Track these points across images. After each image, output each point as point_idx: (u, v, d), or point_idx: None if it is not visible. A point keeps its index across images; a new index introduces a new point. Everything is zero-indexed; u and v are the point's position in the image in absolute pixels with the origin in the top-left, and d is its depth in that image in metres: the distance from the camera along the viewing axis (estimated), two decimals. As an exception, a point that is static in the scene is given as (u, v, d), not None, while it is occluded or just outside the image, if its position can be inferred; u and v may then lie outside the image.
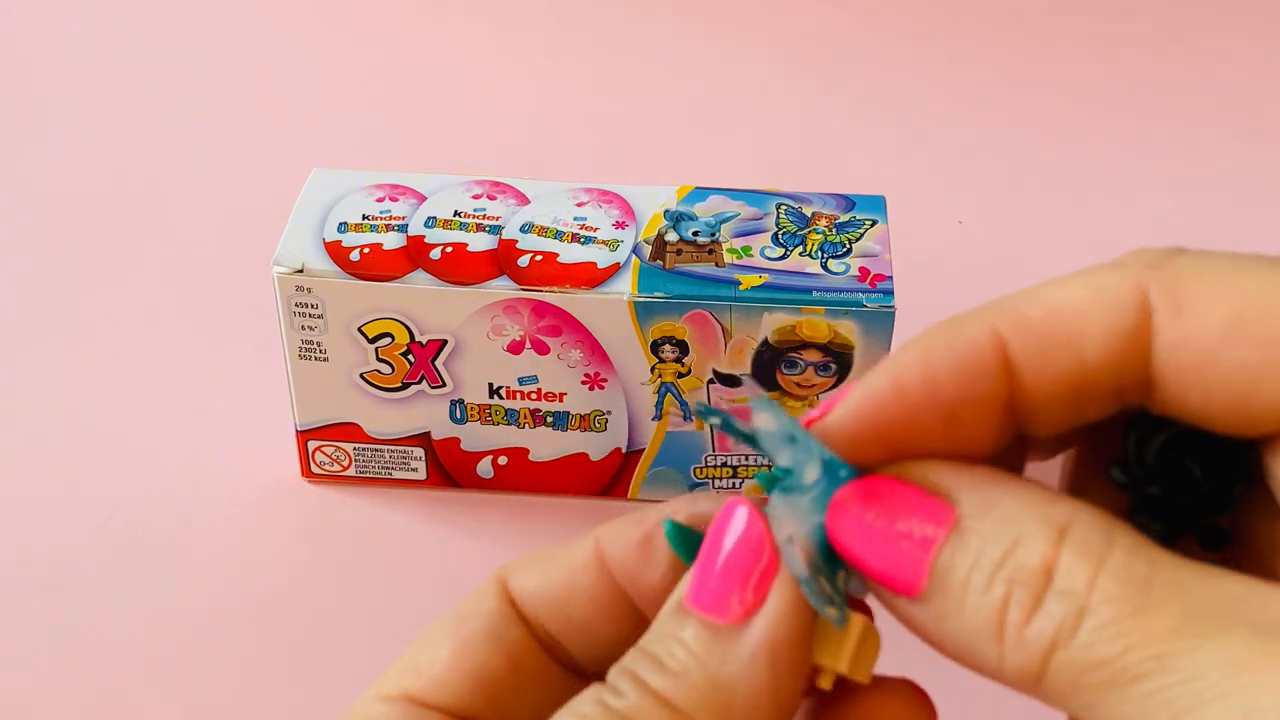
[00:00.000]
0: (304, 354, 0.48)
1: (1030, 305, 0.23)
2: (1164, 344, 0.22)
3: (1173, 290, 0.22)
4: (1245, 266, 0.22)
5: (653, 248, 0.48)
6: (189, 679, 0.46)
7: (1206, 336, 0.22)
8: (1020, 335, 0.23)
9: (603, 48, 0.76)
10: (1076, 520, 0.22)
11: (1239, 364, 0.22)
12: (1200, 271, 0.22)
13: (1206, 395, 0.22)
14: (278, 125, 0.70)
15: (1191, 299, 0.22)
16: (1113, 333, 0.23)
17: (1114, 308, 0.23)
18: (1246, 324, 0.22)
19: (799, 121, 0.71)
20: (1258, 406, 0.22)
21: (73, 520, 0.50)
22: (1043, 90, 0.74)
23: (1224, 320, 0.22)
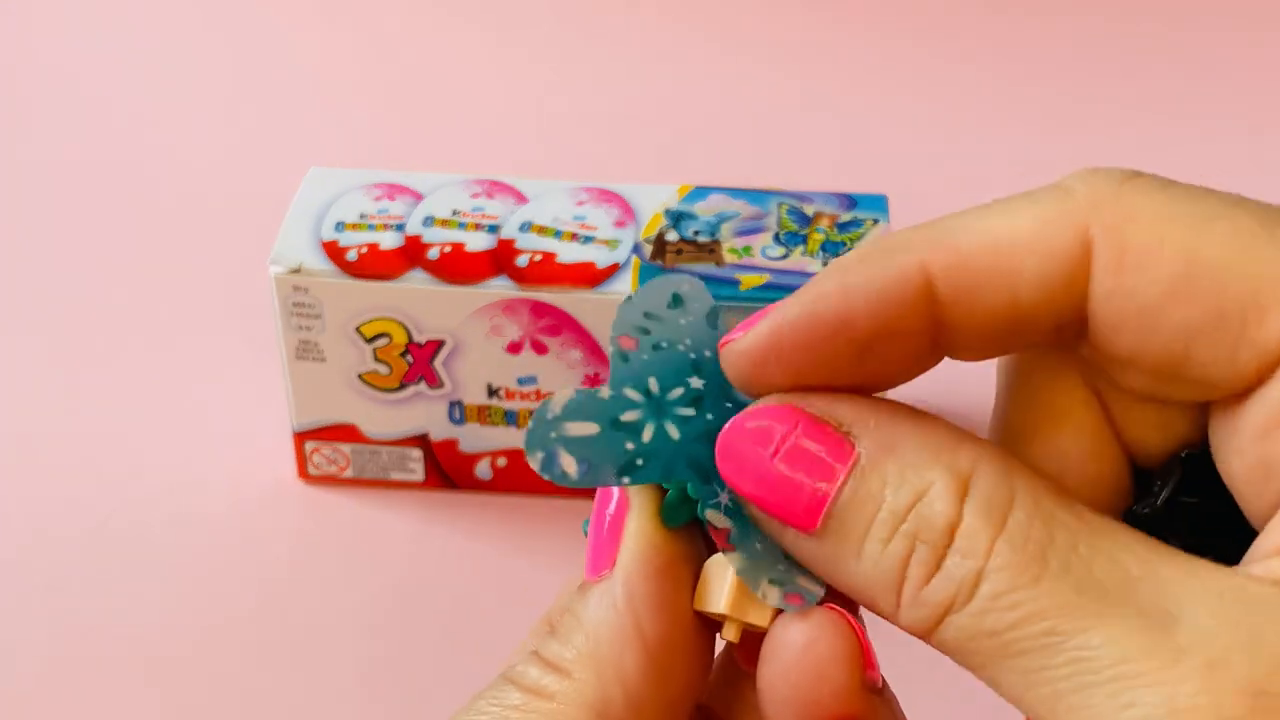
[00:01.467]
0: (301, 354, 0.48)
1: (966, 235, 0.22)
2: (1102, 293, 0.21)
3: (1117, 237, 0.21)
4: (1196, 214, 0.21)
5: (653, 247, 0.47)
6: (187, 679, 0.45)
7: (1147, 293, 0.21)
8: (951, 271, 0.22)
9: (603, 46, 0.76)
10: (979, 471, 0.21)
11: (1177, 325, 0.21)
12: (1148, 216, 0.21)
13: (1141, 351, 0.21)
14: (275, 123, 0.70)
15: (1134, 250, 0.21)
16: (1049, 275, 0.21)
17: (1053, 247, 0.21)
18: (1190, 285, 0.20)
19: (800, 120, 0.71)
20: (1192, 369, 0.21)
21: (69, 521, 0.50)
22: (1044, 89, 0.73)
23: (1169, 277, 0.21)
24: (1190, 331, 0.21)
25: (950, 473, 0.21)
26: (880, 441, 0.22)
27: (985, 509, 0.21)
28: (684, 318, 0.24)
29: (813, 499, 0.22)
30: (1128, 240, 0.21)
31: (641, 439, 0.23)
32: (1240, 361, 0.21)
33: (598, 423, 0.23)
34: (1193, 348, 0.21)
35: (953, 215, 0.23)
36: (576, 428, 0.23)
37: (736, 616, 0.23)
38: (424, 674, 0.45)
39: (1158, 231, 0.21)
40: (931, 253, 0.22)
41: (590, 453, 0.23)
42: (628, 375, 0.23)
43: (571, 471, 0.23)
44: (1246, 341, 0.20)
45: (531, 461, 0.23)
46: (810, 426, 0.22)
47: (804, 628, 0.23)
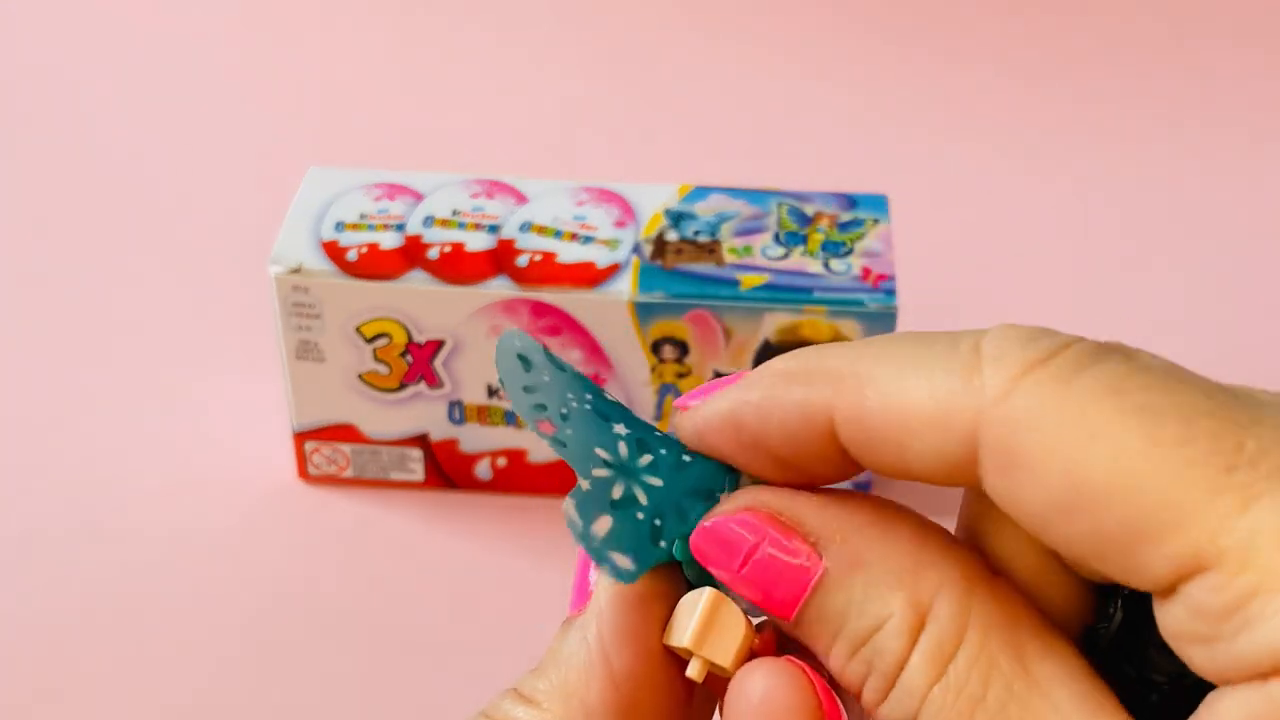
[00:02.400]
0: (301, 354, 0.48)
1: (872, 391, 0.22)
2: (993, 490, 0.21)
3: (1003, 443, 0.21)
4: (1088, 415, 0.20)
5: (653, 247, 0.47)
6: (187, 679, 0.45)
7: (1032, 506, 0.21)
8: (851, 424, 0.22)
9: (603, 47, 0.76)
10: (938, 602, 0.22)
11: (1066, 538, 0.21)
12: (1036, 421, 0.20)
13: (1028, 546, 0.22)
14: (275, 123, 0.70)
15: (1021, 459, 0.20)
16: (936, 457, 0.22)
17: (942, 434, 0.21)
18: (1076, 502, 0.20)
19: (800, 120, 0.71)
20: (1085, 568, 0.22)
21: (70, 520, 0.50)
22: (1045, 90, 0.73)
23: (1054, 492, 0.20)
24: (1078, 544, 0.21)
25: (909, 604, 0.22)
26: (847, 558, 0.22)
27: (933, 653, 0.21)
28: (545, 374, 0.24)
29: (784, 601, 0.23)
30: (1013, 448, 0.21)
31: (640, 503, 0.24)
32: (1135, 582, 0.20)
33: (607, 513, 0.24)
34: (1087, 563, 0.21)
35: (873, 358, 0.23)
36: (599, 527, 0.24)
37: (701, 654, 0.23)
38: (424, 673, 0.45)
39: (1042, 447, 0.20)
40: (840, 401, 0.22)
41: (624, 541, 0.24)
42: (577, 458, 0.24)
43: (629, 566, 0.24)
44: (1136, 568, 0.20)
45: (605, 576, 0.24)
46: (777, 536, 0.23)
47: (762, 677, 0.23)
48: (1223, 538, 0.19)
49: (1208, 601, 0.19)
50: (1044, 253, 0.63)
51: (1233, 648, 0.19)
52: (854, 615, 0.22)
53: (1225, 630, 0.19)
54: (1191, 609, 0.20)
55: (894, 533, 0.23)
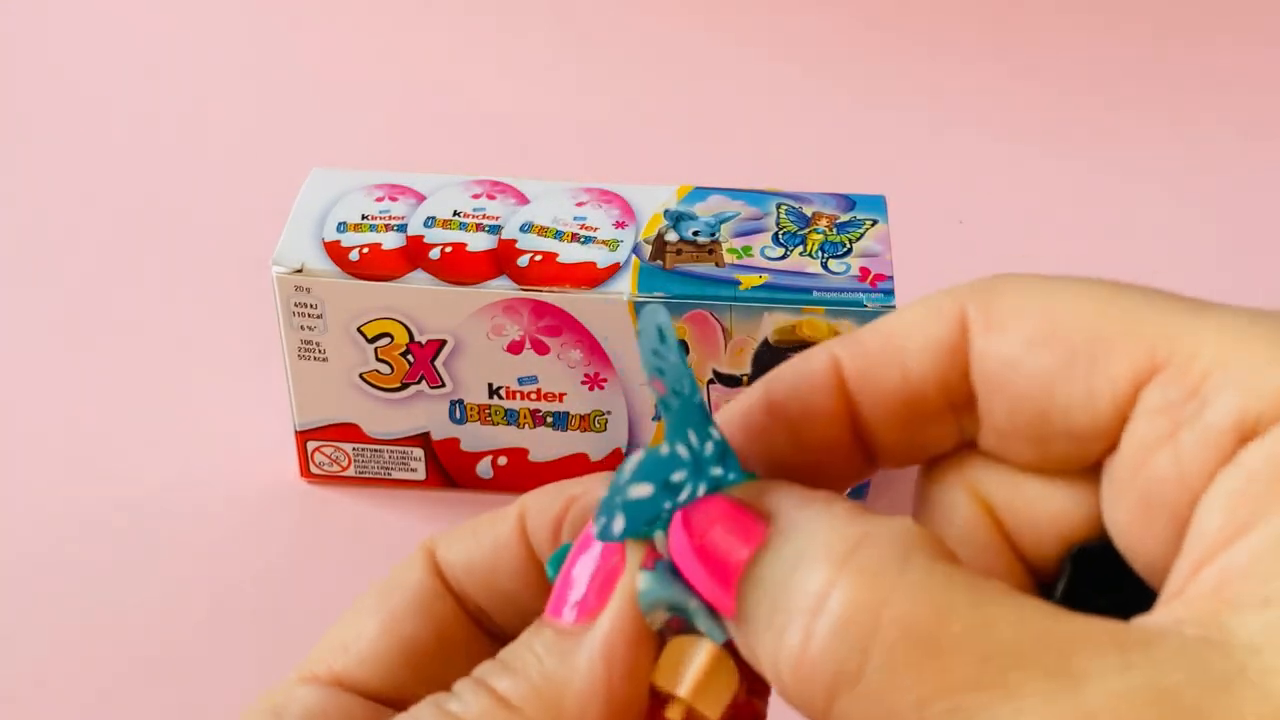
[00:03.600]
0: (303, 354, 0.48)
1: (867, 331, 0.24)
2: (977, 355, 0.23)
3: (986, 306, 0.23)
4: (1056, 284, 0.23)
5: (653, 247, 0.47)
6: (187, 678, 0.45)
7: (1013, 346, 0.23)
8: (853, 357, 0.24)
9: (603, 47, 0.76)
10: (869, 538, 0.20)
11: (1037, 372, 0.22)
12: (1014, 289, 0.23)
13: (1014, 410, 0.23)
14: (277, 125, 0.70)
15: (1001, 313, 0.23)
16: (931, 346, 0.23)
17: (933, 324, 0.23)
18: (1047, 333, 0.22)
19: (799, 121, 0.71)
20: (1057, 418, 0.22)
21: (71, 520, 0.50)
22: (1043, 89, 0.73)
23: (1027, 331, 0.22)
24: (1049, 377, 0.22)
25: (833, 542, 0.21)
26: (786, 523, 0.22)
27: (871, 574, 0.20)
28: (671, 354, 0.24)
29: (726, 584, 0.22)
30: (996, 305, 0.23)
31: (678, 500, 0.24)
32: (1097, 399, 0.22)
33: (653, 483, 0.23)
34: (1054, 393, 0.22)
35: (879, 319, 0.25)
36: (637, 490, 0.23)
37: (695, 704, 0.23)
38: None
39: (1021, 296, 0.23)
40: (839, 347, 0.24)
41: (638, 512, 0.23)
42: (674, 426, 0.24)
43: (618, 530, 0.23)
44: (1100, 378, 0.22)
45: (596, 525, 0.23)
46: (729, 512, 0.22)
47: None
48: (1176, 340, 0.21)
49: (1166, 396, 0.21)
50: (1044, 253, 0.63)
51: (1194, 432, 0.20)
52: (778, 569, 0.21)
53: (1186, 415, 0.20)
54: (1152, 411, 0.21)
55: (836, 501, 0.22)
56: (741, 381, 0.47)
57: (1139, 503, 0.21)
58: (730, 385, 0.48)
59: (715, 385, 0.48)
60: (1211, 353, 0.20)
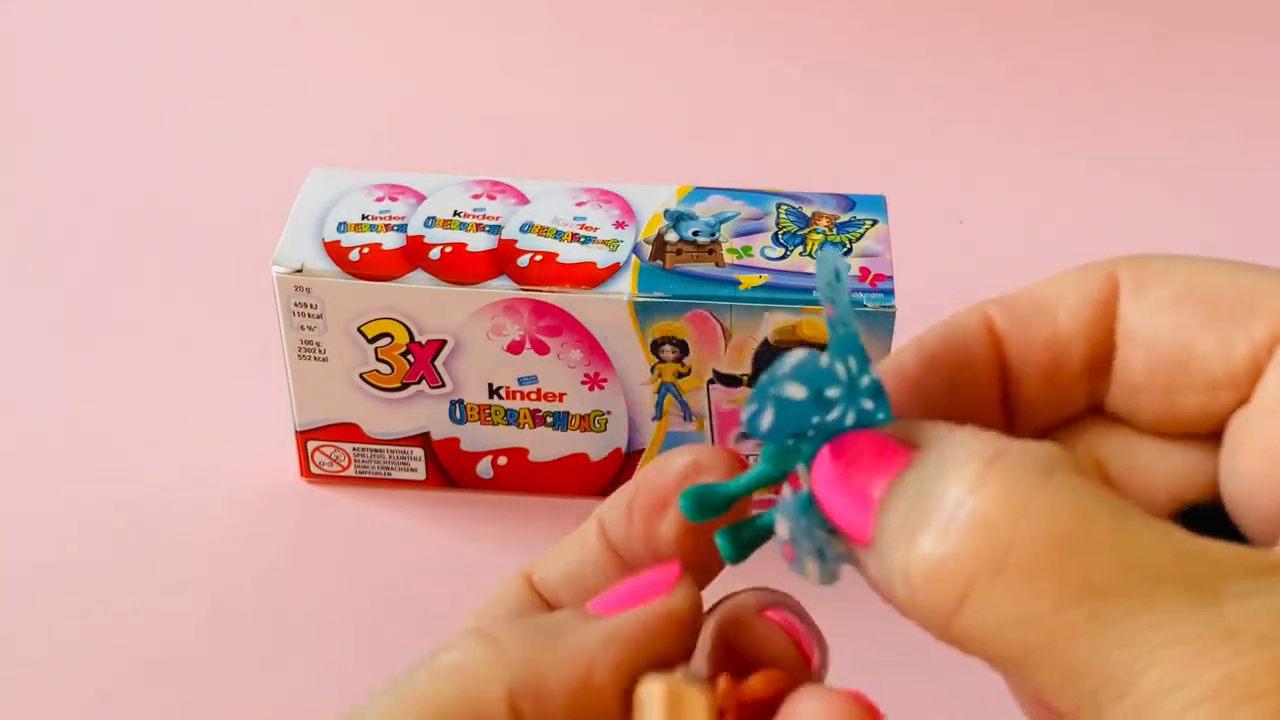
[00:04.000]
0: (303, 354, 0.48)
1: (1017, 293, 0.26)
2: (1124, 312, 0.25)
3: (1137, 269, 0.25)
4: (1204, 260, 0.25)
5: (653, 247, 0.47)
6: (187, 678, 0.45)
7: (1161, 302, 0.24)
8: (1005, 310, 0.26)
9: (603, 47, 0.76)
10: (1008, 451, 0.21)
11: (1182, 325, 0.24)
12: (1165, 261, 0.25)
13: (1152, 359, 0.24)
14: (277, 124, 0.70)
15: (1150, 275, 0.25)
16: (1083, 302, 0.25)
17: (1086, 283, 0.25)
18: (1192, 293, 0.24)
19: (799, 121, 0.71)
20: (1195, 366, 0.24)
21: (71, 520, 0.50)
22: (1043, 89, 0.73)
23: (1176, 290, 0.24)
24: (1190, 330, 0.24)
25: (972, 454, 0.21)
26: (928, 443, 0.22)
27: (1010, 481, 0.20)
28: (843, 294, 0.25)
29: (864, 512, 0.22)
30: (1144, 271, 0.25)
31: (827, 417, 0.24)
32: (1235, 350, 0.23)
33: (808, 388, 0.24)
34: (1194, 345, 0.24)
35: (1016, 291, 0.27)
36: (792, 388, 0.24)
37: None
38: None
39: (1169, 264, 0.25)
40: (990, 304, 0.26)
41: (788, 414, 0.24)
42: (837, 347, 0.24)
43: (765, 425, 0.24)
44: (1239, 332, 0.23)
45: (745, 410, 0.23)
46: (874, 444, 0.23)
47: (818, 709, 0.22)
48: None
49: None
50: (1044, 253, 0.63)
51: None
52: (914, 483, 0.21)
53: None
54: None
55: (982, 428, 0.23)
56: (741, 381, 0.47)
57: (1265, 452, 0.22)
58: (730, 385, 0.48)
59: (715, 385, 0.48)
60: None
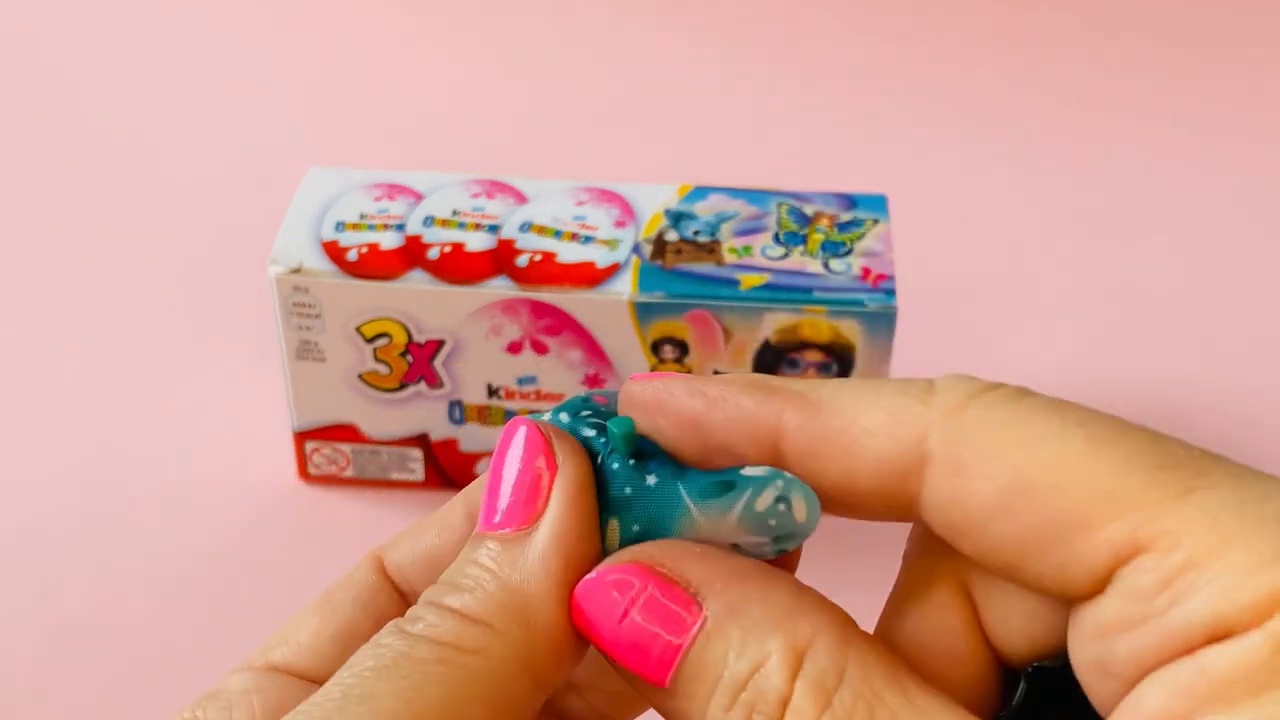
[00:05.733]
0: (301, 354, 0.48)
1: (828, 404, 0.23)
2: (936, 497, 0.22)
3: (953, 446, 0.22)
4: (1032, 426, 0.22)
5: (653, 247, 0.47)
6: (186, 679, 0.45)
7: (975, 506, 0.22)
8: (801, 430, 0.23)
9: (603, 47, 0.76)
10: (816, 644, 0.22)
11: (1005, 537, 0.22)
12: (986, 429, 0.22)
13: (977, 553, 0.22)
14: (275, 124, 0.70)
15: (968, 461, 0.22)
16: (882, 466, 0.22)
17: (891, 442, 0.22)
18: (1014, 503, 0.21)
19: (799, 121, 0.71)
20: (1027, 578, 0.22)
21: (70, 521, 0.50)
22: (1044, 89, 0.73)
23: (995, 493, 0.21)
24: (1018, 544, 0.21)
25: (787, 645, 0.22)
26: (727, 605, 0.22)
27: (815, 687, 0.21)
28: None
29: (662, 656, 0.22)
30: (958, 453, 0.22)
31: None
32: (1070, 575, 0.21)
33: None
34: (1025, 561, 0.21)
35: (834, 382, 0.24)
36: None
37: None
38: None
39: (990, 448, 0.22)
40: (793, 408, 0.23)
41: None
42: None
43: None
44: (1072, 558, 0.21)
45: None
46: (661, 586, 0.23)
47: None
48: (1158, 522, 0.20)
49: (1141, 583, 0.20)
50: (1044, 252, 0.63)
51: (1162, 624, 0.20)
52: (732, 659, 0.22)
53: (1156, 607, 0.20)
54: (1124, 593, 0.20)
55: (772, 585, 0.23)
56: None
57: (1095, 663, 0.21)
58: (730, 385, 0.47)
59: (715, 385, 0.47)
60: (1194, 545, 0.20)
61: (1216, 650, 0.19)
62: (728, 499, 0.23)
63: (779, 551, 0.24)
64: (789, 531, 0.23)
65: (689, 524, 0.24)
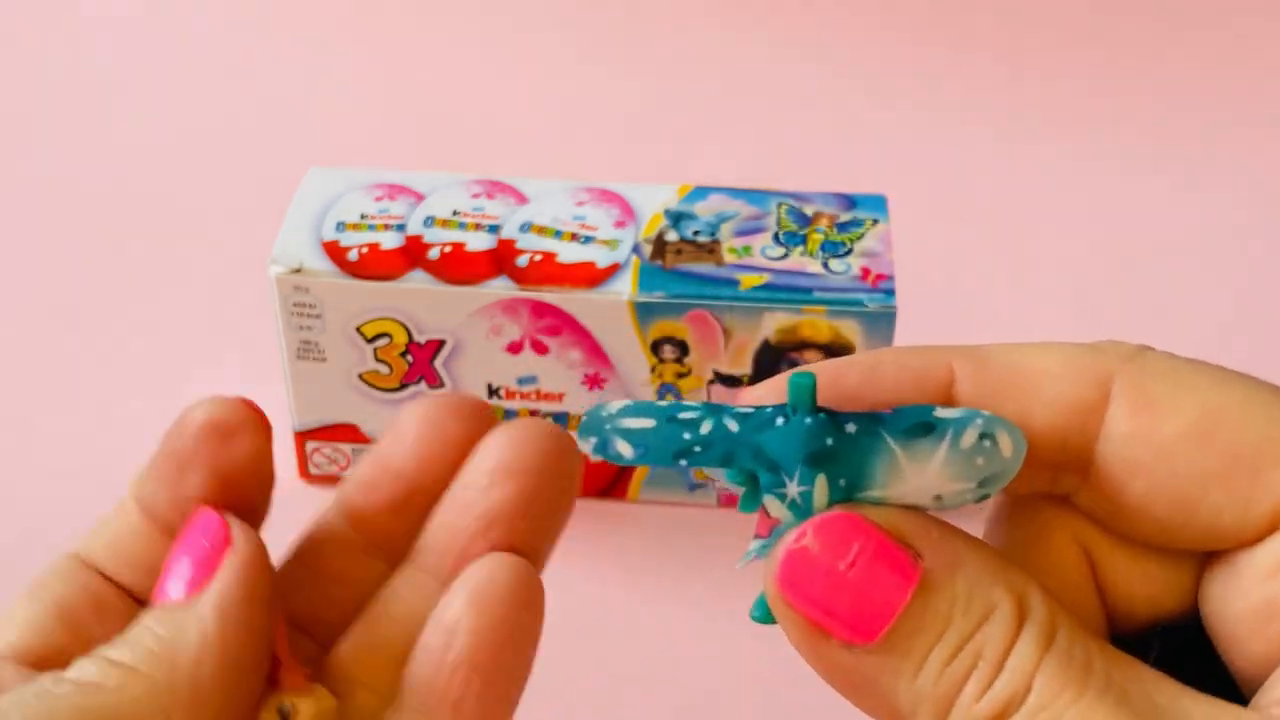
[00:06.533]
0: (302, 354, 0.48)
1: (996, 353, 0.24)
2: (1118, 435, 0.22)
3: (1140, 385, 0.22)
4: (1212, 375, 0.22)
5: (653, 247, 0.47)
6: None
7: (1168, 436, 0.22)
8: (973, 374, 0.23)
9: (603, 47, 0.76)
10: (1030, 592, 0.22)
11: (1193, 469, 0.22)
12: (1170, 373, 0.23)
13: (1152, 496, 0.22)
14: (275, 123, 0.70)
15: (1159, 397, 0.22)
16: (1064, 406, 0.23)
17: (1072, 382, 0.23)
18: (1209, 432, 0.22)
19: (799, 120, 0.71)
20: (1203, 515, 0.22)
21: (70, 520, 0.50)
22: (1044, 89, 0.73)
23: (1188, 423, 0.22)
24: (1206, 476, 0.22)
25: (1011, 594, 0.22)
26: (945, 559, 0.22)
27: (1039, 631, 0.22)
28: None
29: (879, 612, 0.22)
30: (1148, 389, 0.22)
31: (699, 431, 0.23)
32: (1254, 508, 0.21)
33: (654, 418, 0.23)
34: (1208, 492, 0.22)
35: (992, 344, 0.24)
36: (633, 422, 0.23)
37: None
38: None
39: (1177, 385, 0.22)
40: (961, 357, 0.24)
41: (647, 439, 0.23)
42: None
43: (627, 454, 0.23)
44: (1262, 488, 0.21)
45: (584, 446, 0.23)
46: (878, 541, 0.22)
47: None
48: None
49: None
50: (1044, 252, 0.63)
51: None
52: (959, 612, 0.22)
53: None
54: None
55: (976, 541, 0.23)
56: (742, 381, 0.47)
57: (1260, 605, 0.22)
58: (730, 385, 0.47)
59: (715, 385, 0.47)
60: None
61: None
62: (932, 439, 0.23)
63: (982, 497, 0.23)
64: (996, 470, 0.23)
65: (895, 470, 0.23)
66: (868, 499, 0.23)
